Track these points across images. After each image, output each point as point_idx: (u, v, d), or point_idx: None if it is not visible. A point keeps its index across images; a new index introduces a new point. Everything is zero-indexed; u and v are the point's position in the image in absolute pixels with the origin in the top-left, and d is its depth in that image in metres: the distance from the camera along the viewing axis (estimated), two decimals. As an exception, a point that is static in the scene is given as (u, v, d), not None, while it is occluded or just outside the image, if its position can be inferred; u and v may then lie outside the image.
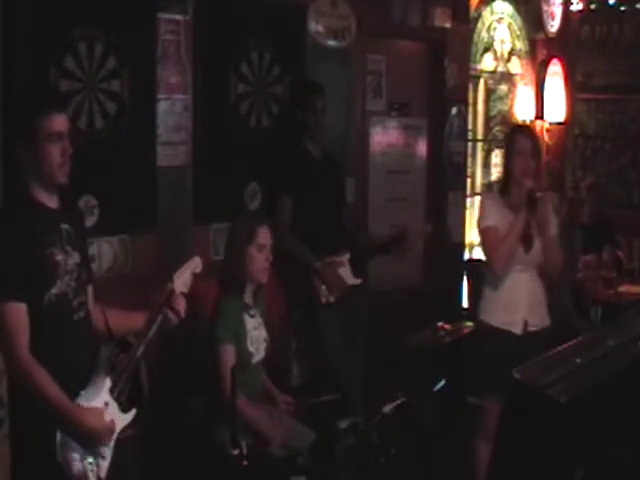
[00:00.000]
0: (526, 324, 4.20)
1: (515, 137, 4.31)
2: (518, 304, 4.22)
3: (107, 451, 2.89)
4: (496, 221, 4.20)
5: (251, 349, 3.83)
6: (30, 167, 2.83)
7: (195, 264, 3.16)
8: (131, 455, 3.12)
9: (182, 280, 3.09)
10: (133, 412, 3.00)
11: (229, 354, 3.70)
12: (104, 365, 2.91)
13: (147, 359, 3.14)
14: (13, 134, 2.86)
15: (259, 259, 3.84)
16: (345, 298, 4.85)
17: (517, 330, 4.18)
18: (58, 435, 2.76)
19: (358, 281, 4.90)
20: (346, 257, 4.83)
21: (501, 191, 4.29)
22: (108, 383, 2.90)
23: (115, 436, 2.91)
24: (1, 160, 3.67)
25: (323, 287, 4.73)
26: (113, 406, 2.91)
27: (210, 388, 3.77)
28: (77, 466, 2.79)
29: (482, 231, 4.31)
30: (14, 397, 2.86)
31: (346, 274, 4.82)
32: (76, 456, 2.79)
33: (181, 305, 3.05)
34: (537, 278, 4.29)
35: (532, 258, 4.20)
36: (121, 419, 2.95)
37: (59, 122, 2.84)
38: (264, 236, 3.86)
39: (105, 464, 2.88)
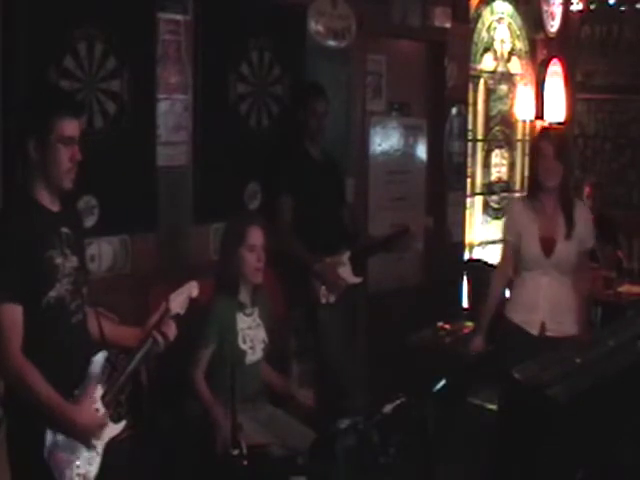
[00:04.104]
0: (544, 327, 4.22)
1: (537, 141, 4.43)
2: (537, 306, 4.24)
3: (95, 457, 2.87)
4: (514, 234, 4.30)
5: (244, 347, 3.83)
6: (38, 168, 2.83)
7: (192, 288, 3.17)
8: (125, 458, 3.10)
9: (178, 302, 3.10)
10: (123, 423, 2.98)
11: (204, 355, 3.78)
12: (96, 372, 2.90)
13: (147, 360, 3.14)
14: (25, 131, 2.85)
15: (250, 260, 3.85)
16: (345, 298, 4.85)
17: (534, 331, 4.21)
18: (47, 437, 2.75)
19: (358, 280, 4.90)
20: (346, 256, 4.83)
21: (529, 196, 4.35)
22: (100, 391, 2.89)
23: (103, 444, 2.89)
24: (1, 160, 3.67)
25: (323, 287, 4.73)
26: (103, 415, 2.89)
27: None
28: (65, 469, 2.78)
29: (503, 240, 4.50)
30: (12, 397, 2.86)
31: (346, 273, 4.82)
32: (64, 459, 2.78)
33: (170, 331, 3.05)
34: (563, 283, 4.26)
35: (554, 262, 4.21)
36: (110, 428, 2.93)
37: (73, 127, 2.85)
38: (255, 236, 3.88)
39: (93, 470, 2.86)
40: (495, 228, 7.39)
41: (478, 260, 6.95)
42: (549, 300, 4.24)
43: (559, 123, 7.73)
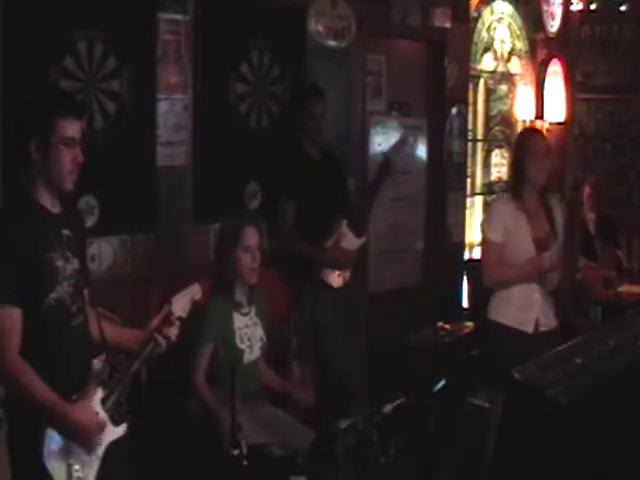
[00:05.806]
0: (538, 323, 4.29)
1: (528, 138, 4.39)
2: (531, 304, 4.30)
3: (94, 460, 2.86)
4: (503, 235, 4.25)
5: (242, 346, 3.85)
6: (39, 169, 2.81)
7: (195, 291, 3.15)
8: (125, 459, 3.09)
9: (181, 304, 3.08)
10: (124, 426, 2.97)
11: (203, 355, 3.79)
12: (96, 375, 2.89)
13: (148, 361, 3.13)
14: (26, 132, 2.83)
15: (245, 260, 3.86)
16: (345, 298, 4.85)
17: (529, 329, 4.26)
18: (46, 440, 2.74)
19: (363, 240, 4.92)
20: (344, 226, 4.81)
21: (513, 194, 4.33)
22: (100, 394, 2.88)
23: (104, 447, 2.88)
24: (1, 160, 3.67)
25: (336, 272, 4.74)
26: (103, 418, 2.88)
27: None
28: (62, 472, 2.77)
29: (485, 242, 4.42)
30: (13, 398, 2.86)
31: (350, 242, 4.81)
32: (63, 462, 2.77)
33: (172, 332, 3.04)
34: (548, 278, 4.35)
35: None
36: (111, 431, 2.91)
37: (74, 128, 2.84)
38: (249, 237, 3.89)
39: (92, 473, 2.85)
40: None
41: (478, 260, 6.94)
42: (542, 297, 4.32)
43: (559, 123, 7.74)
